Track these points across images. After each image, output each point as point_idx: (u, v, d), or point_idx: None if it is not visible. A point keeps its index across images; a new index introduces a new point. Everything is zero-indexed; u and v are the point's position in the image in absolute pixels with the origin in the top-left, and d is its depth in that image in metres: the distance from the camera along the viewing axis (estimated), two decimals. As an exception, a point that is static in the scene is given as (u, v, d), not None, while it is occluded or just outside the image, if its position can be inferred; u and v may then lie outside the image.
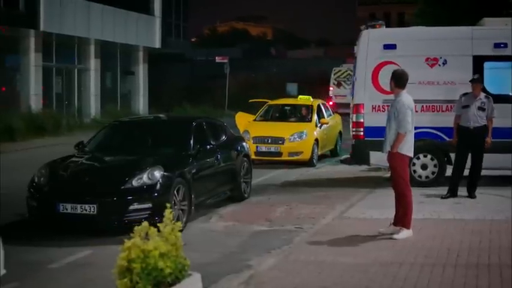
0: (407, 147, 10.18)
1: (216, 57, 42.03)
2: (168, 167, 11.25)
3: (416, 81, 14.49)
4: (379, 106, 14.65)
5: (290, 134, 19.70)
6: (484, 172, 15.20)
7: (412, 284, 7.78)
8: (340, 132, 22.98)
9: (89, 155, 12.32)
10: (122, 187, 10.86)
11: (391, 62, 14.52)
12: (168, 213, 5.89)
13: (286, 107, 22.32)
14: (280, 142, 19.52)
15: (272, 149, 19.38)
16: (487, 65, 14.42)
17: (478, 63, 14.41)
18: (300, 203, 13.43)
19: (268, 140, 19.47)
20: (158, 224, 5.85)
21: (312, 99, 22.16)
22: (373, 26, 15.01)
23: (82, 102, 35.62)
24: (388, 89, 14.41)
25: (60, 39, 33.46)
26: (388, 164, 14.97)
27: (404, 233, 10.10)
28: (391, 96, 14.38)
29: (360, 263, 8.79)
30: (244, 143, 14.55)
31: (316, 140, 20.12)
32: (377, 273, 8.29)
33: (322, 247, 9.71)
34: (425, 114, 14.53)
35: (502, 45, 14.39)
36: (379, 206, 12.67)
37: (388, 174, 16.66)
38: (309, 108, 21.43)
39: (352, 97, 15.26)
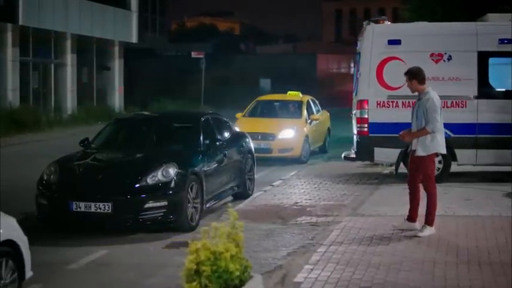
0: (438, 146, 10.03)
1: (192, 53, 41.60)
2: (181, 164, 11.02)
3: (421, 77, 14.44)
4: (383, 102, 14.53)
5: (280, 130, 19.49)
6: (486, 168, 15.30)
7: (455, 284, 7.66)
8: (328, 129, 22.81)
9: (97, 152, 12.02)
10: (137, 185, 10.63)
11: (395, 58, 14.44)
12: (232, 211, 5.67)
13: (275, 103, 21.95)
14: (270, 138, 19.28)
15: (262, 146, 18.97)
16: (491, 60, 14.40)
17: (483, 59, 14.37)
18: (309, 200, 13.30)
19: (258, 137, 19.02)
20: (221, 224, 5.64)
21: (301, 95, 21.91)
22: (377, 21, 14.90)
23: (59, 97, 35.07)
24: (392, 84, 14.53)
25: (37, 34, 32.90)
26: (391, 161, 15.12)
27: (428, 230, 9.99)
28: (396, 92, 14.53)
29: (391, 260, 8.66)
30: (247, 139, 14.34)
31: (307, 136, 19.95)
32: (412, 271, 8.18)
33: (346, 245, 9.56)
34: (430, 110, 14.42)
35: (506, 41, 14.36)
36: (390, 202, 12.59)
37: (387, 171, 16.67)
38: (299, 104, 21.22)
39: (356, 93, 15.14)
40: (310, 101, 21.87)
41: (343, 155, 15.79)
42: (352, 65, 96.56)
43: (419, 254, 8.93)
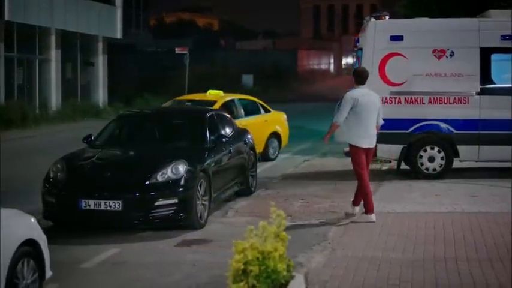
0: (352, 137, 10.97)
1: (176, 48, 41.31)
2: (190, 161, 10.89)
3: (423, 73, 14.44)
4: (386, 98, 14.40)
5: None
6: (486, 164, 15.31)
7: (483, 281, 7.60)
8: (274, 133, 19.49)
9: (103, 149, 11.84)
10: (147, 182, 10.47)
11: (398, 54, 14.41)
12: (275, 210, 5.56)
13: (188, 104, 18.72)
14: None
15: None
16: (494, 57, 14.38)
17: (486, 55, 14.35)
18: (314, 197, 13.18)
19: None
20: (264, 223, 5.51)
21: (222, 95, 18.74)
22: (378, 17, 14.83)
23: (43, 93, 34.73)
24: (395, 80, 14.56)
25: (21, 29, 32.56)
26: (393, 157, 15.12)
27: (366, 217, 10.77)
28: (398, 88, 14.56)
29: (413, 258, 8.61)
30: (249, 136, 14.21)
31: None
32: (437, 269, 8.11)
33: (362, 242, 9.50)
34: (433, 106, 14.43)
35: (508, 37, 14.34)
36: (396, 199, 12.57)
37: (386, 167, 16.63)
38: (211, 105, 17.31)
39: (358, 89, 15.05)
40: (235, 101, 18.72)
41: (344, 151, 15.66)
42: (332, 60, 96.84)
43: (439, 251, 8.88)
